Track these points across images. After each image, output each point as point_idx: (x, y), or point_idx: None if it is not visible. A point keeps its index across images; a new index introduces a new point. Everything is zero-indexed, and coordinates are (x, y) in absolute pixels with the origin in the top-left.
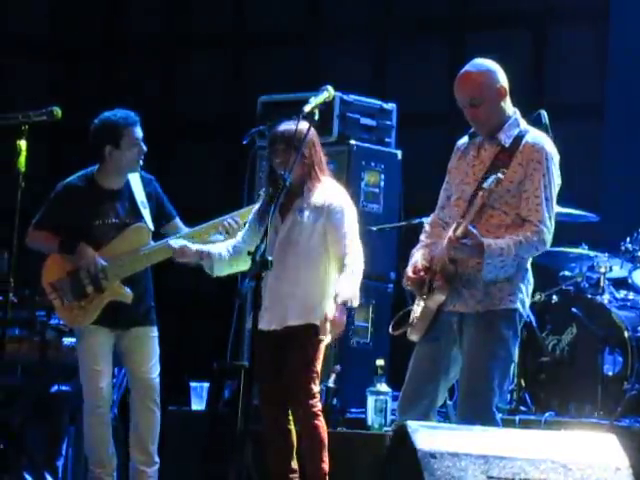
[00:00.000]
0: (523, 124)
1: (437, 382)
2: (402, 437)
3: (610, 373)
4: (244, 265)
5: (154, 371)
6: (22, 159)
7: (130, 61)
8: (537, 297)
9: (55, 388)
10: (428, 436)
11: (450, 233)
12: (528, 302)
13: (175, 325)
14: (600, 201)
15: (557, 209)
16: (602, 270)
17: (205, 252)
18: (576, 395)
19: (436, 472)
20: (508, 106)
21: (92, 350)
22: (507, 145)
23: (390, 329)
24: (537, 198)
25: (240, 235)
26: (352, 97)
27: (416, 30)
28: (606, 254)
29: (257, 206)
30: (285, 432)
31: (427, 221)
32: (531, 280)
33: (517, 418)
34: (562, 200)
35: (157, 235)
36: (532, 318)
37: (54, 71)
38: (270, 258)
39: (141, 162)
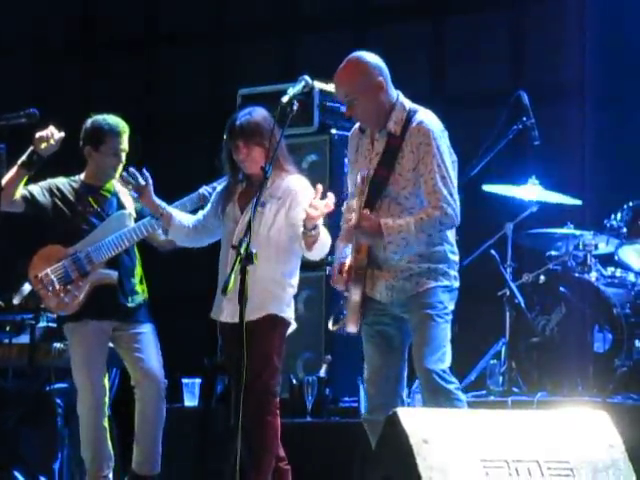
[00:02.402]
0: (408, 104)
1: (395, 362)
2: (394, 423)
3: (600, 351)
4: (199, 242)
5: (159, 367)
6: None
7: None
8: (525, 278)
9: (47, 391)
10: (420, 421)
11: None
12: (454, 277)
13: (166, 322)
14: (584, 180)
15: (539, 191)
16: (588, 248)
17: (166, 212)
18: (567, 374)
19: (428, 457)
20: (389, 95)
21: (82, 346)
22: (397, 133)
23: (329, 325)
24: (432, 180)
25: (201, 213)
26: (331, 86)
27: (396, 14)
28: (591, 232)
29: (219, 188)
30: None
31: (343, 208)
32: (454, 257)
33: (509, 400)
34: (546, 179)
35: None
36: (521, 299)
37: (38, 71)
38: (254, 251)
39: (118, 172)
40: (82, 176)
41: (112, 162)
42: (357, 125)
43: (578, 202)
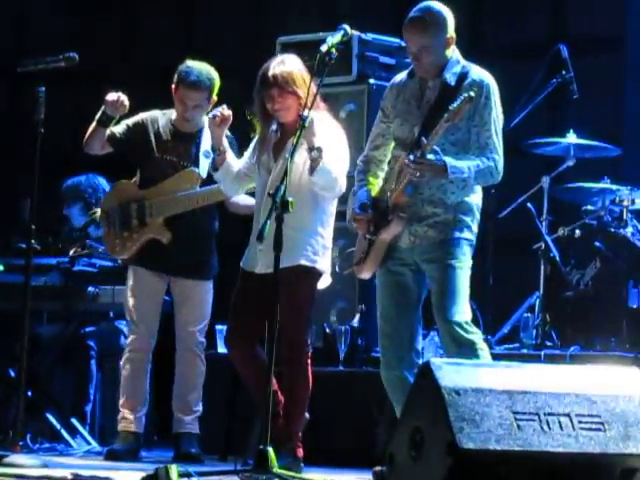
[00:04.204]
0: (463, 61)
1: (410, 315)
2: (426, 374)
3: (635, 306)
4: (237, 191)
5: (198, 324)
6: (42, 106)
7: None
8: (560, 232)
9: (80, 334)
10: (452, 373)
11: (405, 159)
12: (475, 233)
13: None
14: (622, 134)
15: (576, 141)
16: (625, 203)
17: (224, 150)
18: (601, 329)
19: (460, 408)
20: (451, 48)
21: (132, 291)
22: (452, 84)
23: (337, 269)
24: (487, 132)
25: (241, 162)
26: (370, 35)
27: None
28: (628, 187)
29: (256, 138)
30: (253, 359)
31: (360, 159)
32: (478, 213)
33: (542, 353)
34: (583, 134)
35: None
36: (556, 253)
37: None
38: (291, 199)
39: (187, 120)
40: (173, 116)
41: (180, 109)
42: (401, 75)
43: (616, 152)
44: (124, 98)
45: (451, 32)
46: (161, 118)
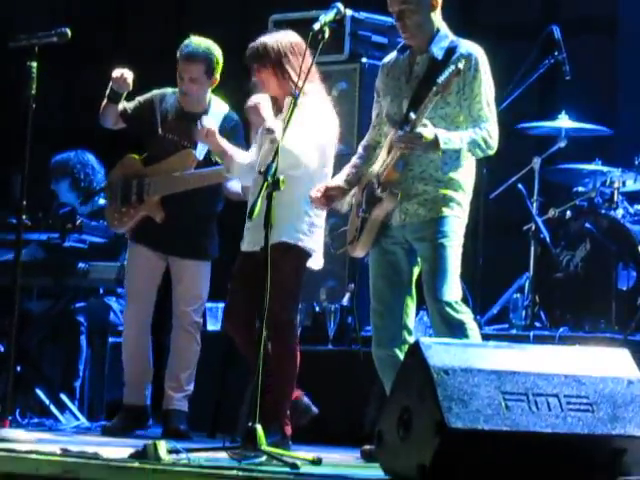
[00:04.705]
0: (452, 36)
1: (402, 294)
2: (415, 353)
3: (624, 288)
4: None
5: (191, 304)
6: (33, 81)
7: None
8: (551, 213)
9: (70, 310)
10: (441, 352)
11: (395, 135)
12: (466, 211)
13: None
14: (614, 116)
15: (569, 124)
16: (615, 185)
17: (229, 154)
18: (590, 310)
19: (449, 388)
20: (438, 19)
21: (130, 268)
22: (440, 58)
23: (331, 249)
24: (479, 104)
25: (253, 151)
26: (363, 14)
27: None
28: (619, 169)
29: None
30: (248, 336)
31: (361, 143)
32: (470, 189)
33: (531, 334)
34: (575, 115)
35: None
36: (546, 234)
37: None
38: (282, 177)
39: (186, 94)
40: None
41: (179, 85)
42: (392, 54)
43: (608, 133)
44: (128, 75)
45: None
46: (170, 96)
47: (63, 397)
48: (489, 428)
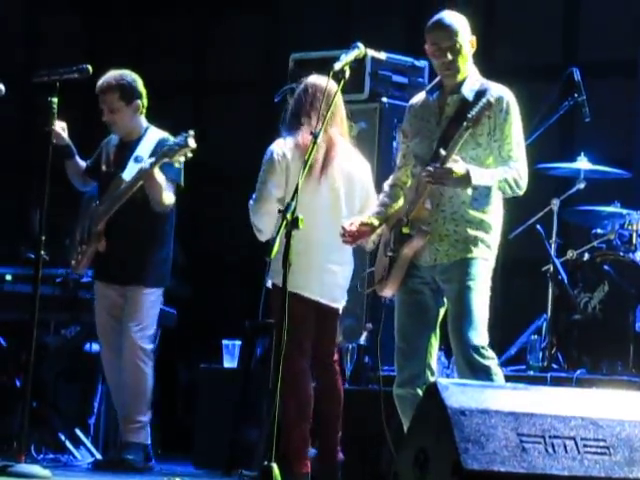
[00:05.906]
0: (482, 79)
1: (428, 334)
2: (432, 394)
3: None
4: None
5: (135, 330)
6: (54, 117)
7: (163, 17)
8: (569, 255)
9: (87, 346)
10: (458, 393)
11: (424, 170)
12: (495, 250)
13: (207, 284)
14: (633, 158)
15: (588, 166)
16: (634, 227)
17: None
18: (608, 353)
19: (466, 429)
20: (470, 62)
21: (95, 309)
22: (470, 99)
23: (359, 288)
24: (509, 145)
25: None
26: (384, 54)
27: None
28: (638, 211)
29: None
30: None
31: (386, 182)
32: (498, 232)
33: (549, 375)
34: (595, 157)
35: None
36: (564, 276)
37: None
38: (300, 216)
39: (108, 124)
40: None
41: (104, 118)
42: (420, 95)
43: (627, 176)
44: (58, 127)
45: (471, 36)
46: (114, 138)
47: (78, 432)
48: (505, 470)
